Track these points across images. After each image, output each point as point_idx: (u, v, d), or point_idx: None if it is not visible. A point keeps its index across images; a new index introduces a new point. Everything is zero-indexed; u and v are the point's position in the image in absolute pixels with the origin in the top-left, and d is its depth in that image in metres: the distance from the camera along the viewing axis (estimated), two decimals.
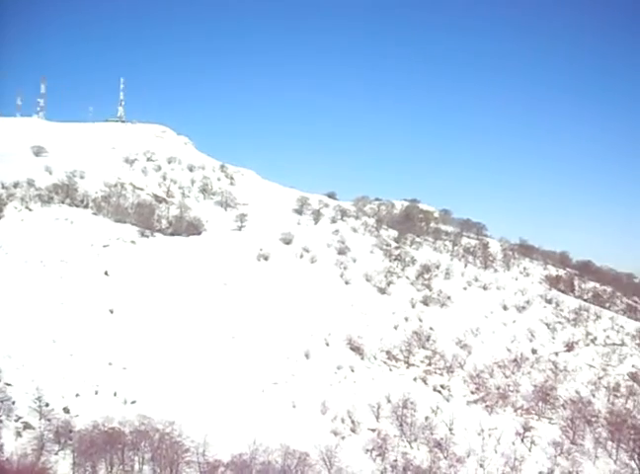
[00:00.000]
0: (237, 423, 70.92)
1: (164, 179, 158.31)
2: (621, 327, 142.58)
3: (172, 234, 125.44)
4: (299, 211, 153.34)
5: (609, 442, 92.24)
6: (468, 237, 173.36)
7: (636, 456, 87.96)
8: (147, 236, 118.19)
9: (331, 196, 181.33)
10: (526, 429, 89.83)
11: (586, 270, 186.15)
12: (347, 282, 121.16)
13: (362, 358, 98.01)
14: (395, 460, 75.63)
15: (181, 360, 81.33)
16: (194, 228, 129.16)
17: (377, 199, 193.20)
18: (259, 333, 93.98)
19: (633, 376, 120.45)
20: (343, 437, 76.93)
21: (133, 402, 71.56)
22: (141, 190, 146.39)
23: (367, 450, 76.05)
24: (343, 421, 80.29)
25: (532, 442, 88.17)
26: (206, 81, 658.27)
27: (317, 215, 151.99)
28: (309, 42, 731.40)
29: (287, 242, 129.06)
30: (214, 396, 75.43)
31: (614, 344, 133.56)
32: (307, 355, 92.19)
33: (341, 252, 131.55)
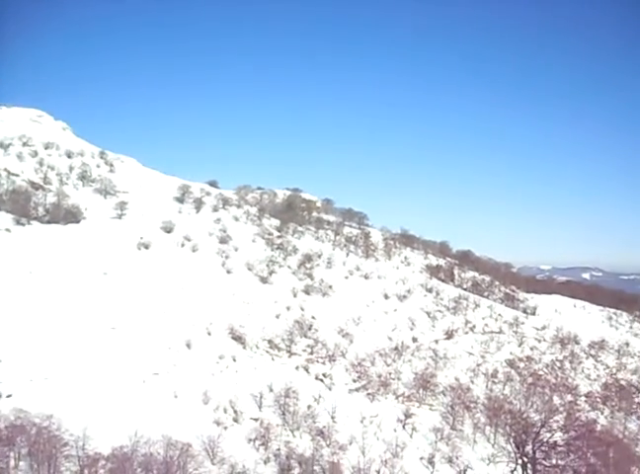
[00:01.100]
0: (117, 414, 71.87)
1: (41, 165, 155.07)
2: (499, 315, 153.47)
3: (49, 222, 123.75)
4: (181, 200, 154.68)
5: (488, 427, 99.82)
6: (350, 226, 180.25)
7: (512, 440, 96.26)
8: (23, 224, 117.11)
9: (213, 184, 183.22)
10: (407, 415, 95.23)
11: (465, 259, 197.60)
12: (228, 271, 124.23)
13: (245, 348, 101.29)
14: (278, 449, 78.88)
15: (59, 352, 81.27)
16: (72, 216, 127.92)
17: (260, 188, 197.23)
18: (140, 323, 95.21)
19: (510, 363, 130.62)
20: (225, 427, 79.18)
21: (9, 396, 71.67)
22: (16, 176, 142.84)
23: (250, 440, 78.74)
24: (225, 410, 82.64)
25: (413, 429, 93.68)
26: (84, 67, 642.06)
27: (199, 204, 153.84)
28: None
29: (168, 231, 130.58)
30: (94, 388, 75.92)
31: (492, 331, 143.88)
32: (189, 345, 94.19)
33: (222, 241, 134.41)
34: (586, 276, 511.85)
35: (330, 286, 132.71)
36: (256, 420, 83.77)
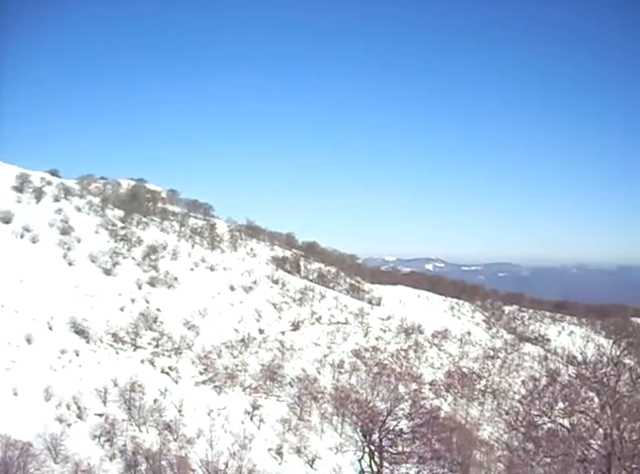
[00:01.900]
0: None
1: None
2: (345, 306, 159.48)
3: None
4: (19, 189, 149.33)
5: (335, 417, 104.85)
6: (196, 218, 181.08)
7: (359, 429, 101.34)
8: None
9: (54, 173, 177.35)
10: (255, 407, 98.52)
11: (311, 251, 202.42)
12: (70, 263, 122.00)
13: (88, 342, 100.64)
14: (124, 445, 79.62)
15: None
16: None
17: (103, 178, 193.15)
18: None
19: (356, 353, 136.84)
20: (69, 424, 79.16)
21: None
22: None
23: (95, 436, 79.06)
24: (68, 407, 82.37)
25: (261, 420, 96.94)
26: None
27: (39, 193, 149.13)
28: None
29: (7, 221, 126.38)
30: None
31: (339, 322, 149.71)
32: (29, 340, 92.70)
33: (64, 232, 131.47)
34: (429, 267, 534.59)
35: (175, 278, 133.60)
36: (101, 415, 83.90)
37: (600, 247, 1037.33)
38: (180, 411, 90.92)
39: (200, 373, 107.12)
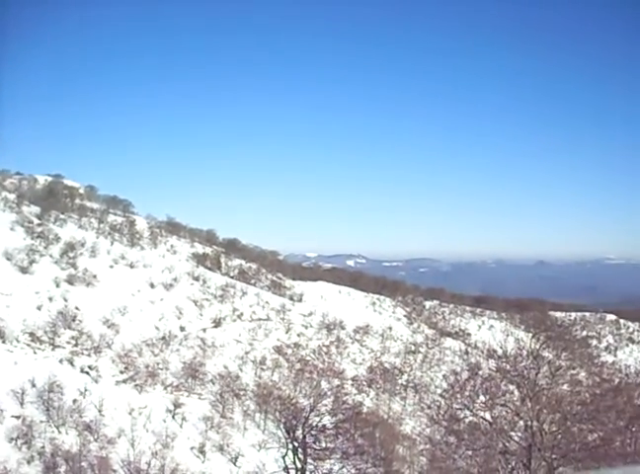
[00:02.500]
0: None
1: None
2: (266, 302, 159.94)
3: None
4: None
5: (258, 414, 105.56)
6: (115, 214, 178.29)
7: (282, 425, 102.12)
8: None
9: None
10: (177, 405, 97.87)
11: (232, 247, 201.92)
12: None
13: (4, 342, 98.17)
14: (42, 447, 78.37)
15: None
16: None
17: (18, 174, 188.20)
18: None
19: (278, 350, 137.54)
20: None
21: None
22: None
23: (12, 439, 77.52)
24: None
25: (183, 419, 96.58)
26: None
27: None
28: None
29: None
30: None
31: (260, 319, 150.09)
32: None
33: None
34: (350, 263, 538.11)
35: (94, 276, 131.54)
36: (18, 417, 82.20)
37: (518, 242, 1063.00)
38: (100, 411, 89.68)
39: (121, 372, 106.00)
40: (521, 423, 31.66)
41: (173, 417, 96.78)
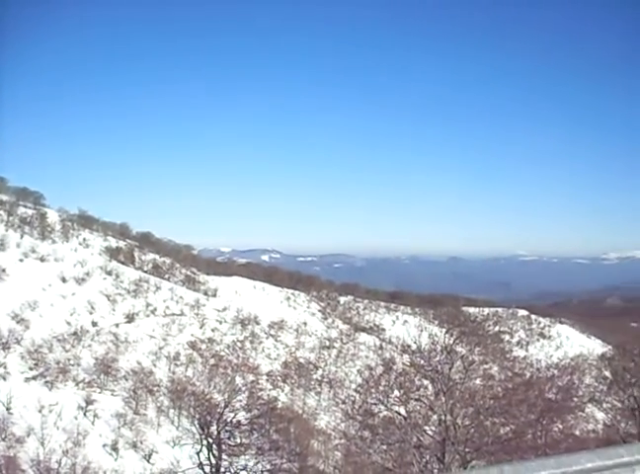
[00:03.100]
0: None
1: None
2: (180, 297, 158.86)
3: None
4: None
5: (172, 410, 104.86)
6: (25, 207, 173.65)
7: (196, 422, 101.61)
8: None
9: None
10: (89, 402, 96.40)
11: (146, 241, 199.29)
12: None
13: None
14: None
15: None
16: None
17: None
18: None
19: (192, 345, 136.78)
20: None
21: None
22: None
23: None
24: None
25: (95, 416, 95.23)
26: None
27: None
28: None
29: None
30: None
31: (174, 314, 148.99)
32: None
33: None
34: (265, 258, 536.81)
35: (3, 270, 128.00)
36: None
37: (431, 238, 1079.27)
38: (8, 409, 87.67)
39: (31, 369, 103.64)
40: (435, 417, 32.23)
41: (85, 414, 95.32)
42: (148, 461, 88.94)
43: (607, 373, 49.46)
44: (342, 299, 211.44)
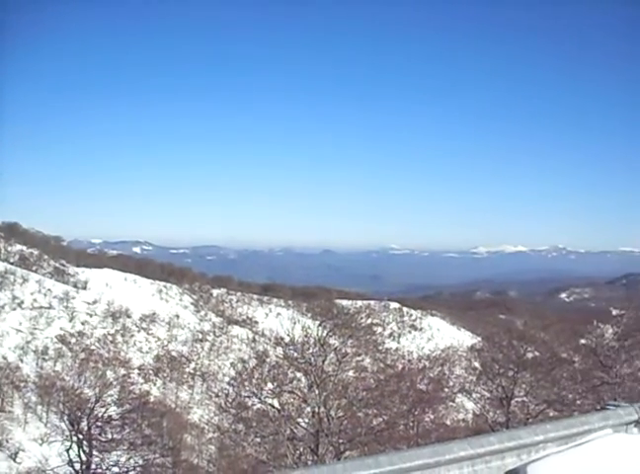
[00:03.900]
0: None
1: None
2: (49, 290, 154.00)
3: None
4: None
5: (39, 406, 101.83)
6: None
7: (66, 417, 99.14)
8: None
9: None
10: None
11: (12, 232, 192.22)
12: None
13: None
14: None
15: None
16: None
17: None
18: None
19: (61, 339, 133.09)
20: None
21: None
22: None
23: None
24: None
25: None
26: None
27: None
28: None
29: None
30: None
31: (42, 307, 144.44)
32: None
33: None
34: (136, 249, 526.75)
35: None
36: None
37: (304, 231, 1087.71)
38: None
39: None
40: (309, 409, 32.65)
41: None
42: (14, 460, 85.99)
43: (477, 364, 51.19)
44: (215, 292, 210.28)
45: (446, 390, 51.39)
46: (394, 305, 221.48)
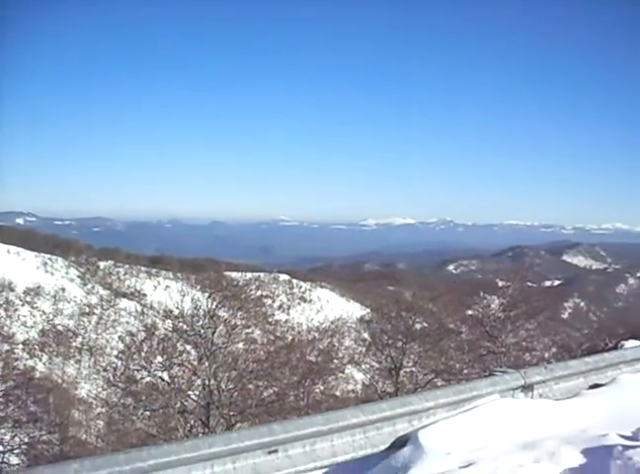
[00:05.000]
0: None
1: None
2: None
3: None
4: None
5: None
6: None
7: None
8: None
9: None
10: None
11: None
12: None
13: None
14: None
15: None
16: None
17: None
18: None
19: None
20: None
21: None
22: None
23: None
24: None
25: None
26: None
27: None
28: None
29: None
30: None
31: None
32: None
33: None
34: (20, 221, 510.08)
35: None
36: None
37: (192, 202, 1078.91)
38: None
39: None
40: (199, 382, 32.58)
41: None
42: None
43: (366, 335, 52.00)
44: (102, 264, 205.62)
45: (336, 361, 52.05)
46: (284, 277, 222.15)
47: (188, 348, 35.84)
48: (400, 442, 8.31)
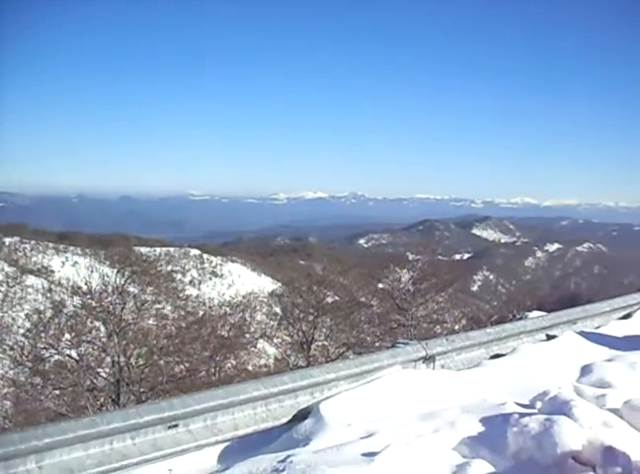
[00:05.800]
0: None
1: None
2: None
3: None
4: None
5: None
6: None
7: None
8: None
9: None
10: None
11: None
12: None
13: None
14: None
15: None
16: None
17: None
18: None
19: None
20: None
21: None
22: None
23: None
24: None
25: None
26: None
27: None
28: None
29: None
30: None
31: None
32: None
33: None
34: None
35: None
36: None
37: (101, 176, 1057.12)
38: None
39: None
40: (109, 359, 32.28)
41: None
42: None
43: (278, 309, 52.12)
44: (7, 240, 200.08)
45: (248, 336, 51.98)
46: (194, 252, 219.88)
47: (97, 324, 35.35)
48: (302, 415, 8.48)
